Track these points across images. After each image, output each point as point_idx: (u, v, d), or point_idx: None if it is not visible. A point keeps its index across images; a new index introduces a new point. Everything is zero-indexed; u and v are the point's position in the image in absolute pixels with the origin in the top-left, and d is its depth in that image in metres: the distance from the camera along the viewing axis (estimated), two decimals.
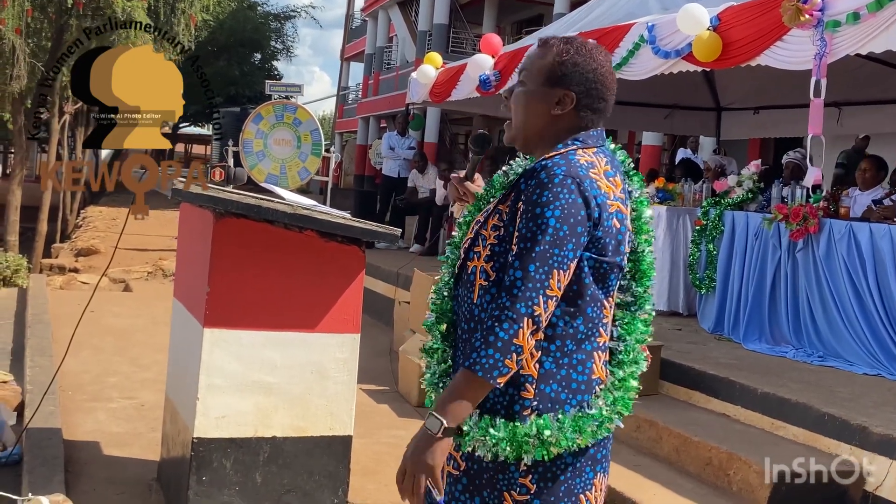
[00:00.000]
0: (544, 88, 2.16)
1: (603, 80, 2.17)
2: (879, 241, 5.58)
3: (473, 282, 2.13)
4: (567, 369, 2.08)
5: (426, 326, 2.26)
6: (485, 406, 2.07)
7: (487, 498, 2.10)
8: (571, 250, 2.01)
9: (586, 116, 2.17)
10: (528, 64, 2.22)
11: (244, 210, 3.34)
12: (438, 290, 2.26)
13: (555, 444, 2.04)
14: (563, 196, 2.01)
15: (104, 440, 4.64)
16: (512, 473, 2.08)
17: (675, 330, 6.77)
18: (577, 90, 2.15)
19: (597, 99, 2.17)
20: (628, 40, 7.07)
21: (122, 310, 8.46)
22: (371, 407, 5.56)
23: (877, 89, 8.58)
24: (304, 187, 13.94)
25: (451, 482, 2.16)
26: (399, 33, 28.29)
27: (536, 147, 2.21)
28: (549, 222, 2.00)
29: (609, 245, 2.08)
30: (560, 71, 2.15)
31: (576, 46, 2.16)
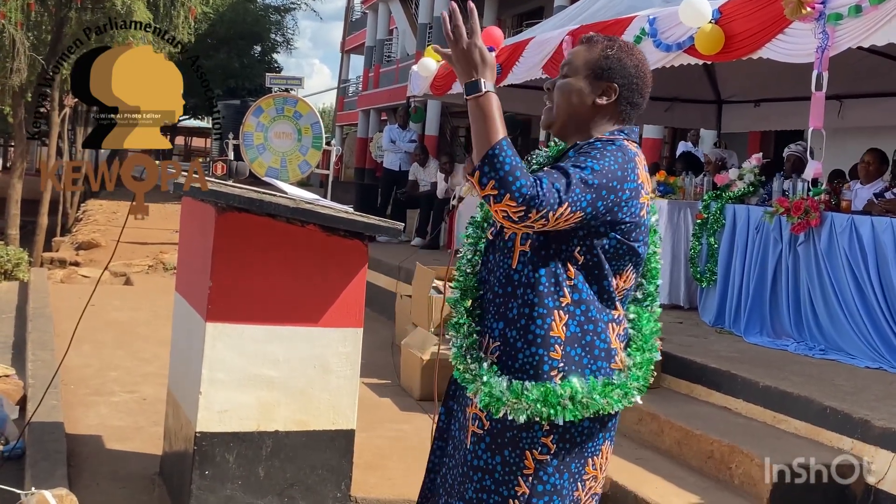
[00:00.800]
0: (590, 80, 2.34)
1: (643, 77, 2.38)
2: (881, 235, 5.58)
3: (512, 248, 2.28)
4: (591, 336, 2.24)
5: (451, 303, 2.41)
6: (513, 367, 2.23)
7: (509, 456, 2.25)
8: (588, 203, 2.14)
9: (625, 110, 2.36)
10: (573, 58, 2.38)
11: (246, 204, 3.34)
12: (461, 268, 2.42)
13: (585, 406, 2.21)
14: (609, 159, 2.19)
15: (106, 434, 4.64)
16: (535, 432, 2.22)
17: (677, 323, 6.76)
18: (620, 83, 2.33)
19: (636, 94, 2.36)
20: (629, 33, 7.05)
21: (123, 303, 8.46)
22: (373, 401, 5.56)
23: (878, 82, 8.58)
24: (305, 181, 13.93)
25: (474, 441, 2.30)
26: (399, 26, 28.25)
27: (573, 133, 2.37)
28: (587, 168, 2.15)
29: (632, 230, 2.25)
30: (605, 65, 2.33)
31: (619, 44, 2.37)
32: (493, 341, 2.30)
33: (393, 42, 30.27)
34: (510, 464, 2.24)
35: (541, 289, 2.22)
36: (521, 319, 2.24)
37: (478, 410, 2.28)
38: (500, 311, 2.28)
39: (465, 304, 2.37)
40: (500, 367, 2.26)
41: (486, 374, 2.25)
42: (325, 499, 3.62)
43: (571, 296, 2.23)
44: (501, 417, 2.23)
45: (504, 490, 2.24)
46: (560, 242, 2.22)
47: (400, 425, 5.11)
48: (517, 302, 2.25)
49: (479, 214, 2.47)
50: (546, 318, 2.22)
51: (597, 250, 2.23)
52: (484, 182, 2.06)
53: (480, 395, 2.25)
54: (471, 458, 2.29)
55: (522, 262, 2.25)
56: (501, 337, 2.28)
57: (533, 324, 2.22)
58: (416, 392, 5.74)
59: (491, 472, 2.26)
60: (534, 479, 2.23)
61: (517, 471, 2.24)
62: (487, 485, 2.26)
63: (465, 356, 2.32)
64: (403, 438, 4.86)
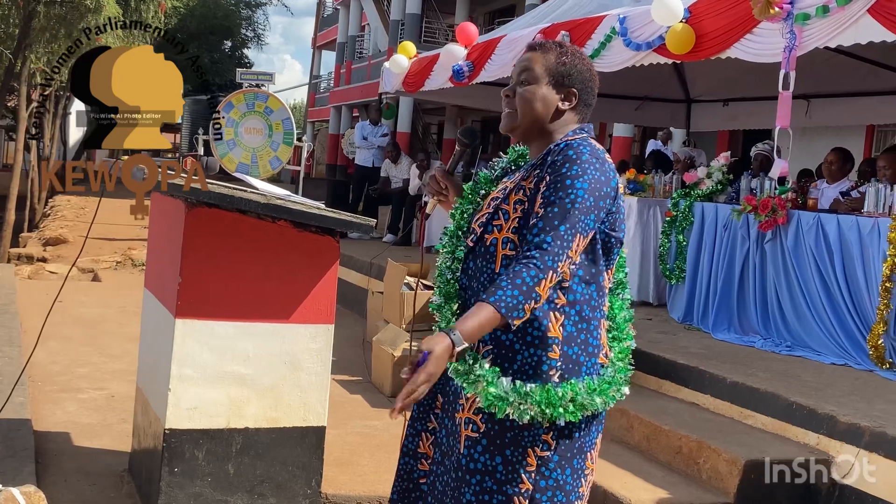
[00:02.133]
0: (552, 87, 2.42)
1: (595, 79, 2.48)
2: (847, 233, 5.65)
3: (494, 253, 2.35)
4: (585, 334, 2.32)
5: (434, 308, 2.46)
6: (511, 369, 2.29)
7: (511, 455, 2.29)
8: (594, 220, 2.27)
9: (582, 111, 2.46)
10: (532, 65, 2.44)
11: (216, 200, 3.32)
12: (441, 274, 2.47)
13: (585, 408, 2.28)
14: (591, 171, 2.28)
15: (75, 431, 4.60)
16: (536, 430, 2.28)
17: (646, 320, 6.81)
18: (578, 87, 2.43)
19: (591, 95, 2.46)
20: (600, 32, 7.09)
21: (90, 300, 8.38)
22: (344, 397, 5.56)
23: (845, 82, 8.68)
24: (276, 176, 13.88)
25: (469, 445, 2.32)
26: (371, 22, 28.19)
27: (538, 137, 2.45)
28: (578, 193, 2.24)
29: (618, 221, 2.37)
30: (566, 71, 2.42)
31: (571, 51, 2.47)
32: (484, 345, 2.32)
33: (365, 38, 30.19)
34: (512, 462, 2.28)
35: None
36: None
37: (471, 414, 2.31)
38: (491, 286, 2.28)
39: (451, 308, 2.42)
40: (497, 366, 2.30)
41: (489, 375, 2.28)
42: (296, 496, 3.62)
43: (566, 296, 2.30)
44: (500, 418, 2.26)
45: (508, 489, 2.28)
46: None
47: (371, 422, 5.11)
48: None
49: (451, 225, 2.51)
50: (543, 320, 2.27)
51: (590, 246, 2.31)
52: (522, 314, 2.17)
53: (483, 395, 2.27)
54: (466, 461, 2.31)
55: (506, 266, 2.29)
56: (494, 340, 2.31)
57: (530, 325, 2.27)
58: (387, 388, 5.74)
59: (492, 473, 2.28)
60: (536, 474, 2.28)
61: (520, 469, 2.28)
62: (489, 486, 2.28)
63: (464, 357, 2.32)
64: (374, 435, 4.86)
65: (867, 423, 4.18)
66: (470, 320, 2.16)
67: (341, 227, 3.53)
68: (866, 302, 5.52)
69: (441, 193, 2.67)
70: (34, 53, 17.56)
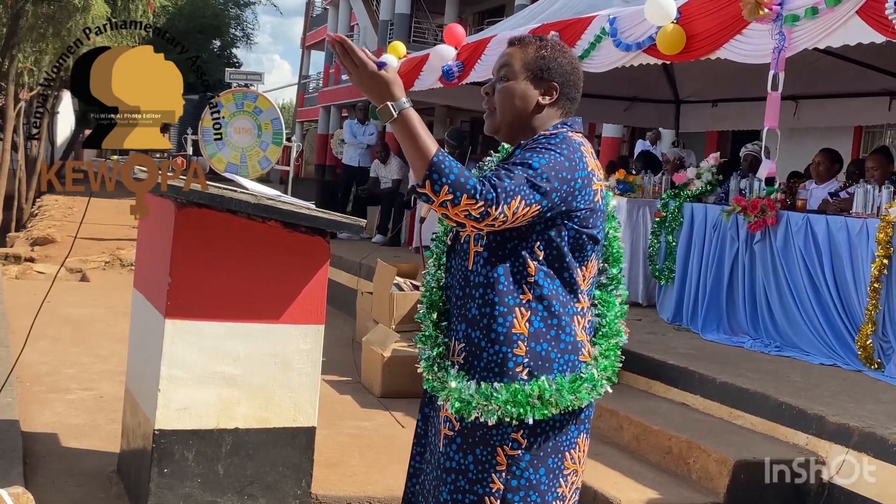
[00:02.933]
0: (531, 81, 2.38)
1: (577, 73, 2.43)
2: (836, 234, 5.67)
3: (467, 249, 2.32)
4: (556, 330, 2.27)
5: (419, 318, 2.45)
6: (478, 367, 2.27)
7: (480, 454, 2.27)
8: (541, 196, 2.18)
9: (565, 106, 2.41)
10: (510, 61, 2.40)
11: (206, 200, 3.32)
12: (427, 282, 2.46)
13: (554, 405, 2.23)
14: (554, 153, 2.23)
15: (63, 432, 4.58)
16: (505, 429, 2.25)
17: (635, 320, 6.82)
18: (559, 81, 2.38)
19: (573, 89, 2.41)
20: (590, 33, 7.10)
21: (79, 300, 8.35)
22: (334, 398, 5.55)
23: (833, 83, 8.71)
24: (265, 177, 13.86)
25: (446, 443, 2.32)
26: (361, 22, 28.15)
27: (521, 135, 2.40)
28: (532, 164, 2.19)
29: (590, 218, 2.29)
30: (545, 65, 2.37)
31: (550, 44, 2.41)
32: (458, 343, 2.34)
33: (354, 38, 30.11)
34: (482, 462, 2.27)
35: (500, 287, 2.26)
36: (483, 319, 2.28)
37: (448, 413, 2.31)
38: (462, 312, 2.34)
39: (431, 317, 2.42)
40: (466, 367, 2.30)
41: (455, 381, 2.28)
42: (286, 496, 3.61)
43: (532, 292, 2.26)
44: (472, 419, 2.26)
45: (479, 488, 2.27)
46: (518, 239, 2.26)
47: (361, 422, 5.11)
48: (476, 302, 2.29)
49: (440, 230, 2.50)
50: (507, 316, 2.25)
51: (556, 242, 2.26)
52: (437, 189, 2.09)
53: (451, 401, 2.28)
54: (443, 460, 2.32)
55: (478, 263, 2.29)
56: (466, 338, 2.32)
57: (494, 322, 2.26)
58: (376, 389, 5.74)
59: (464, 472, 2.28)
60: (507, 474, 2.26)
61: (490, 468, 2.26)
62: (462, 485, 2.28)
63: (433, 366, 2.37)
64: (364, 435, 4.85)
65: (856, 423, 4.20)
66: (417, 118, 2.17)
67: (332, 228, 3.53)
68: (855, 302, 5.54)
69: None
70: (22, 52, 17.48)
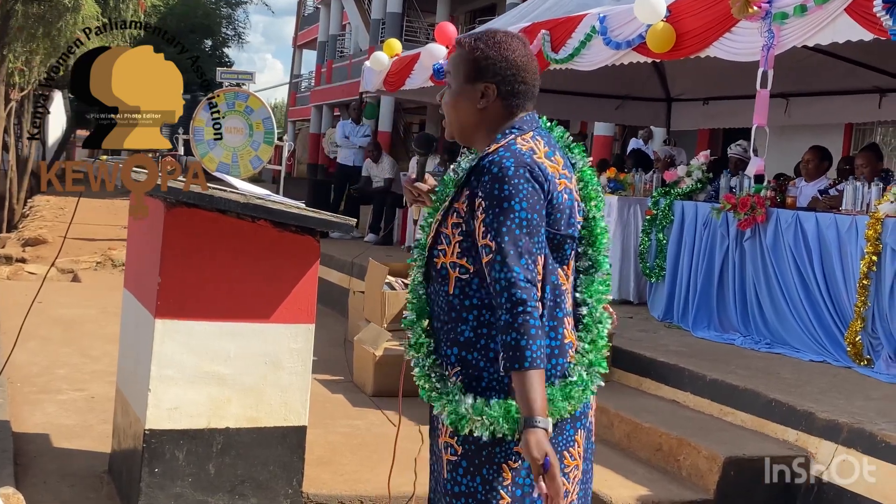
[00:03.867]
0: (466, 85, 2.30)
1: (518, 66, 2.28)
2: (825, 231, 5.70)
3: (446, 276, 2.27)
4: (546, 339, 2.21)
5: (406, 324, 2.39)
6: (479, 387, 2.22)
7: (487, 474, 2.23)
8: (543, 236, 2.17)
9: (512, 103, 2.29)
10: (448, 67, 2.37)
11: (195, 199, 3.32)
12: (413, 290, 2.40)
13: (550, 415, 2.16)
14: (522, 186, 2.15)
15: (54, 432, 4.58)
16: (508, 444, 2.21)
17: (627, 318, 6.83)
18: (495, 80, 2.27)
19: (516, 84, 2.28)
20: (580, 31, 7.12)
21: (70, 300, 8.33)
22: (325, 397, 5.55)
23: (823, 81, 8.74)
24: (257, 176, 13.84)
25: (450, 469, 2.28)
26: (352, 21, 28.15)
27: (475, 140, 2.34)
28: (519, 214, 2.14)
29: (561, 220, 2.23)
30: (475, 66, 2.28)
31: (485, 40, 2.30)
32: (452, 367, 2.28)
33: (346, 37, 30.15)
34: (489, 481, 2.23)
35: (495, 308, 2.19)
36: (480, 340, 2.23)
37: (448, 438, 2.27)
38: (451, 337, 2.27)
39: (421, 324, 2.36)
40: (465, 388, 2.24)
41: (451, 392, 2.23)
42: (277, 495, 3.62)
43: None
44: (473, 439, 2.22)
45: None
46: None
47: (352, 421, 5.11)
48: (469, 325, 2.24)
49: (422, 238, 2.43)
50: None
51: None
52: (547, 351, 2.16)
53: (447, 413, 2.23)
54: (451, 486, 2.28)
55: (461, 288, 2.24)
56: (460, 361, 2.26)
57: (492, 341, 2.21)
58: (368, 388, 5.74)
59: (473, 494, 2.24)
60: (512, 486, 2.23)
61: (497, 485, 2.23)
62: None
63: (430, 374, 2.31)
64: (356, 434, 4.85)
65: (845, 419, 4.22)
66: (530, 397, 2.08)
67: (321, 227, 3.53)
68: (844, 299, 5.56)
69: (418, 200, 2.59)
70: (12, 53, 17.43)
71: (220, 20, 36.20)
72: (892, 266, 5.20)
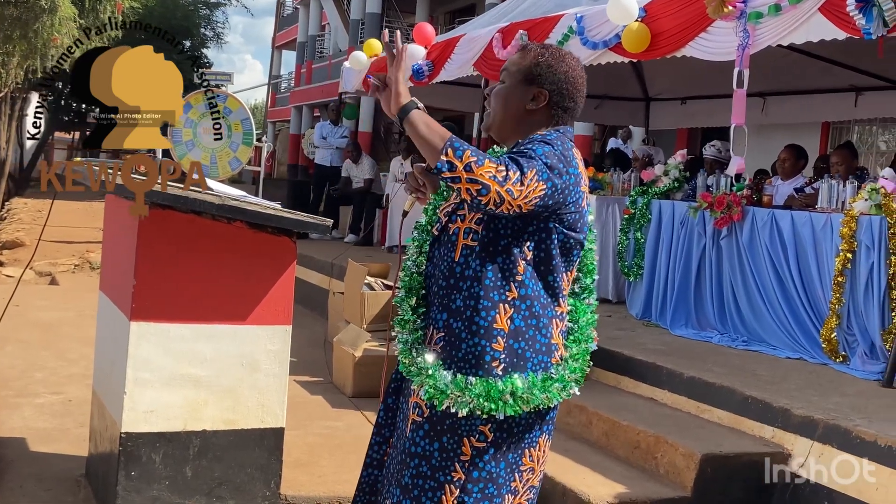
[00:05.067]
0: (521, 86, 2.44)
1: (573, 82, 2.46)
2: (801, 229, 5.73)
3: (455, 241, 2.38)
4: (534, 330, 2.34)
5: (397, 302, 2.49)
6: (455, 357, 2.32)
7: (447, 443, 2.32)
8: (550, 176, 2.25)
9: (557, 114, 2.45)
10: (509, 65, 2.49)
11: (170, 201, 3.31)
12: (407, 268, 2.50)
13: (525, 402, 2.29)
14: (556, 145, 2.31)
15: (31, 436, 4.55)
16: (474, 421, 2.31)
17: (605, 317, 6.85)
18: (549, 89, 2.43)
19: (567, 98, 2.44)
20: (558, 31, 7.14)
21: (48, 303, 8.28)
22: (305, 398, 5.55)
23: (799, 80, 8.80)
24: (236, 177, 13.81)
25: (413, 429, 2.37)
26: (331, 22, 28.12)
27: (511, 136, 2.47)
28: (536, 151, 2.27)
29: (578, 222, 2.37)
30: (535, 71, 2.43)
31: (551, 51, 2.47)
32: (438, 332, 2.38)
33: (325, 38, 30.10)
34: (448, 450, 2.31)
35: (487, 282, 2.31)
36: (467, 311, 2.32)
37: (419, 399, 2.36)
38: (444, 302, 2.38)
39: (410, 301, 2.46)
40: (443, 356, 2.34)
41: (432, 368, 2.32)
42: (255, 497, 3.61)
43: (518, 291, 2.32)
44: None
45: (440, 475, 2.32)
46: (511, 238, 2.31)
47: (331, 422, 5.10)
48: (462, 294, 2.34)
49: (423, 219, 2.55)
50: (490, 311, 2.31)
51: (546, 244, 2.33)
52: (460, 154, 2.16)
53: (425, 387, 2.32)
54: (409, 444, 2.36)
55: (467, 256, 2.34)
56: (446, 327, 2.36)
57: (477, 315, 2.31)
58: (348, 389, 5.74)
59: (428, 458, 2.33)
60: (470, 465, 2.31)
61: (454, 457, 2.31)
62: (424, 471, 2.33)
63: (411, 351, 2.40)
64: (335, 436, 4.85)
65: (821, 415, 4.25)
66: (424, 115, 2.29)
67: (297, 228, 3.53)
68: (820, 296, 5.60)
69: (419, 190, 2.69)
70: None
71: (198, 21, 36.03)
72: (866, 263, 5.24)
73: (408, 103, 2.28)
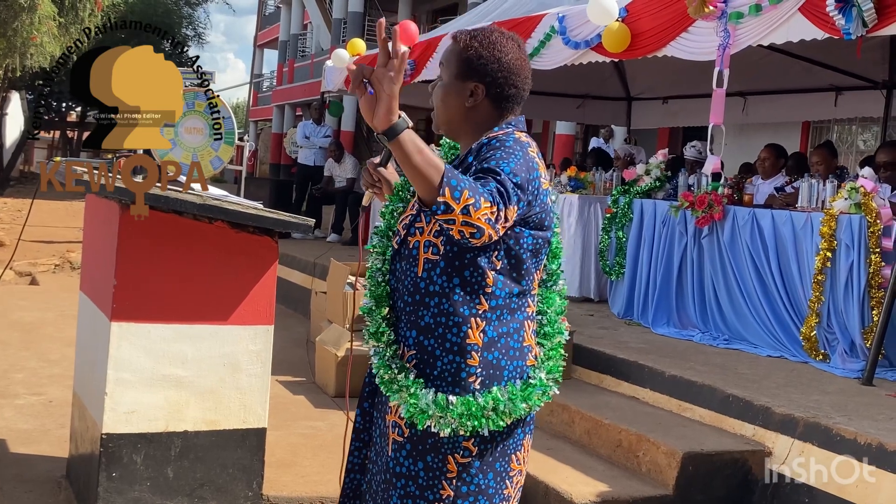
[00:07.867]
0: (456, 82, 2.29)
1: (509, 68, 2.28)
2: (781, 227, 5.77)
3: (416, 256, 2.25)
4: (505, 338, 2.24)
5: (364, 311, 2.35)
6: (431, 375, 2.22)
7: (431, 462, 2.24)
8: (522, 196, 2.13)
9: (501, 105, 2.30)
10: (444, 59, 2.34)
11: (151, 201, 3.28)
12: (372, 277, 2.37)
13: (508, 415, 2.22)
14: (518, 153, 2.16)
15: (11, 438, 4.52)
16: (457, 438, 2.22)
17: (587, 315, 6.89)
18: (484, 81, 2.27)
19: (506, 86, 2.28)
20: (540, 31, 7.16)
21: (28, 303, 8.22)
22: (287, 398, 5.53)
23: (780, 80, 8.86)
24: (218, 176, 13.75)
25: (395, 448, 2.28)
26: (314, 21, 28.06)
27: (461, 135, 2.36)
28: (505, 169, 2.10)
29: (545, 220, 2.25)
30: (467, 65, 2.27)
31: (480, 39, 2.28)
32: (409, 349, 2.27)
33: (307, 37, 30.03)
34: (433, 468, 2.23)
35: (456, 297, 2.20)
36: (438, 328, 2.22)
37: (397, 418, 2.26)
38: (412, 319, 2.26)
39: (381, 312, 2.32)
40: (418, 374, 2.24)
41: (413, 386, 2.21)
42: (237, 498, 3.60)
43: (489, 302, 2.22)
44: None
45: (429, 494, 2.23)
46: (477, 249, 2.18)
47: (314, 422, 5.09)
48: (430, 311, 2.23)
49: (382, 224, 2.41)
50: (462, 327, 2.20)
51: (515, 251, 2.21)
52: (457, 196, 1.99)
53: (406, 406, 2.21)
54: (393, 465, 2.27)
55: (432, 272, 2.22)
56: (417, 345, 2.25)
57: (449, 332, 2.21)
58: (330, 389, 5.73)
59: (414, 478, 2.24)
60: (457, 481, 2.23)
61: (441, 475, 2.23)
62: (412, 491, 2.25)
63: (390, 365, 2.28)
64: (317, 436, 4.84)
65: (801, 413, 4.27)
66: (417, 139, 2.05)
67: (279, 227, 3.52)
68: (800, 295, 5.64)
69: (375, 185, 2.52)
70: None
71: (179, 20, 35.87)
72: (846, 262, 5.28)
73: (398, 122, 2.02)
